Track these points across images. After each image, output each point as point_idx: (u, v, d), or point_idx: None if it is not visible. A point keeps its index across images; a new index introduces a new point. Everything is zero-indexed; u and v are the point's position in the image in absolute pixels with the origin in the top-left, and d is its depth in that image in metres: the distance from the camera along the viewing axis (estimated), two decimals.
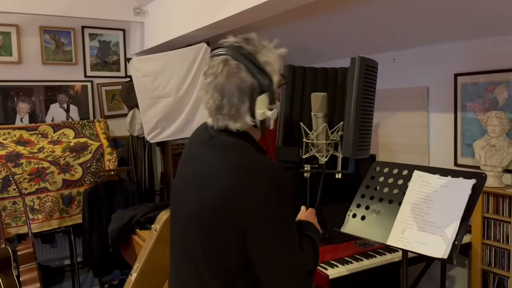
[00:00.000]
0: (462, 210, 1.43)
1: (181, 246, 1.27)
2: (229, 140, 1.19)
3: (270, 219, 1.10)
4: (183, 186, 1.27)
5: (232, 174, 1.12)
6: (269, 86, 1.15)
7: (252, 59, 1.16)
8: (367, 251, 2.47)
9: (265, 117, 1.17)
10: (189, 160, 1.29)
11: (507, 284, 2.55)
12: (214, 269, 1.17)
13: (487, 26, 2.61)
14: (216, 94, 1.17)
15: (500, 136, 2.57)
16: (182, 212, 1.26)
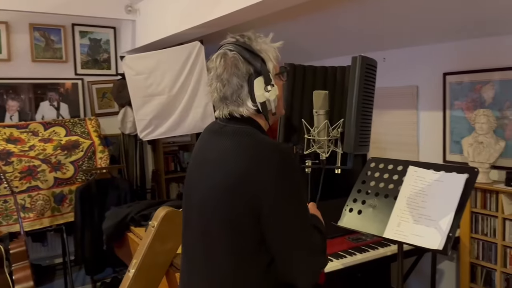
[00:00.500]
0: (456, 203, 1.49)
1: (196, 232, 1.30)
2: (239, 127, 1.25)
3: (284, 195, 1.16)
4: (196, 175, 1.32)
5: (244, 155, 1.18)
6: (262, 68, 1.23)
7: (247, 47, 1.25)
8: (360, 246, 2.53)
9: (265, 99, 1.24)
10: (201, 151, 1.33)
11: (494, 276, 2.63)
12: (230, 248, 1.20)
13: (474, 28, 2.68)
14: (218, 84, 1.25)
15: (487, 134, 2.66)
16: (196, 199, 1.29)
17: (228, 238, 1.20)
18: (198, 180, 1.30)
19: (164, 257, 2.28)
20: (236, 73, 1.23)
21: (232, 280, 1.22)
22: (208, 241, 1.24)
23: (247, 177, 1.16)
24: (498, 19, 2.52)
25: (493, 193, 2.60)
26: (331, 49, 3.57)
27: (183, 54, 3.32)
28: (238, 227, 1.18)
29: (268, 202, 1.14)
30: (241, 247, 1.19)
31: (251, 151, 1.19)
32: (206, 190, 1.25)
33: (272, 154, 1.17)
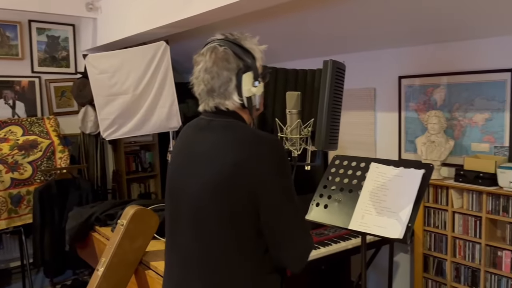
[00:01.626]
0: (414, 196, 1.62)
1: (188, 228, 1.29)
2: (228, 120, 1.29)
3: (282, 186, 1.23)
4: (185, 171, 1.31)
5: (240, 147, 1.21)
6: (252, 64, 1.28)
7: (238, 43, 1.29)
8: (324, 240, 2.65)
9: (251, 94, 1.28)
10: (188, 147, 1.34)
11: (445, 266, 2.84)
12: (228, 240, 1.23)
13: (427, 35, 2.88)
14: (207, 76, 1.27)
15: (439, 133, 2.86)
16: (188, 195, 1.29)
17: (227, 231, 1.22)
18: (187, 176, 1.30)
19: (133, 255, 2.29)
20: (226, 66, 1.25)
21: (229, 274, 1.25)
22: (204, 236, 1.25)
23: (245, 170, 1.18)
24: (448, 27, 2.72)
25: (443, 188, 2.80)
26: (296, 51, 3.69)
27: (148, 54, 3.32)
28: (237, 219, 1.21)
29: (268, 193, 1.20)
30: (239, 239, 1.22)
31: (247, 143, 1.22)
32: (199, 185, 1.25)
33: (271, 147, 1.22)
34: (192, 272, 1.29)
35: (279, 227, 1.23)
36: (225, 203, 1.22)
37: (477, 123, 2.81)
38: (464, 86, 2.84)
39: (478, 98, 2.78)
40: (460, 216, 2.74)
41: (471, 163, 2.67)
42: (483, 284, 2.64)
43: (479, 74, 2.76)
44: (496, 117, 2.71)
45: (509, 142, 2.67)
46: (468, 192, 2.69)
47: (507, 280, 2.55)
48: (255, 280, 1.28)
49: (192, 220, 1.28)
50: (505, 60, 2.64)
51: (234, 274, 1.26)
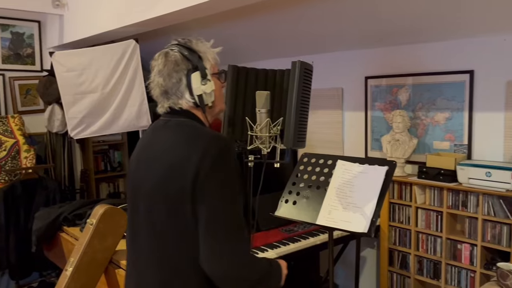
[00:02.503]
0: (378, 192, 1.70)
1: (144, 222, 1.35)
2: (181, 120, 1.36)
3: (219, 183, 1.24)
4: (143, 169, 1.38)
5: (186, 143, 1.27)
6: (199, 64, 1.35)
7: (187, 46, 1.38)
8: (293, 236, 2.71)
9: (201, 92, 1.35)
10: (147, 147, 1.41)
11: (409, 259, 2.95)
12: (177, 232, 1.27)
13: (392, 36, 2.99)
14: (160, 79, 1.36)
15: (403, 132, 2.97)
16: (145, 192, 1.35)
17: (176, 230, 1.27)
18: (145, 174, 1.36)
19: (103, 254, 2.28)
20: (175, 68, 1.34)
21: (179, 265, 1.29)
22: (157, 234, 1.30)
23: (188, 163, 1.24)
24: (412, 29, 2.83)
25: (407, 185, 2.92)
26: (267, 51, 3.74)
27: (117, 52, 3.29)
28: (180, 211, 1.25)
29: (204, 188, 1.23)
30: (185, 230, 1.26)
31: (193, 139, 1.28)
32: (151, 183, 1.32)
33: (213, 143, 1.26)
34: (149, 271, 1.34)
35: (206, 227, 1.22)
36: (172, 201, 1.26)
37: (438, 122, 2.93)
38: (427, 87, 2.96)
39: (440, 98, 2.91)
40: (422, 212, 2.86)
41: (433, 160, 2.79)
42: (444, 276, 2.76)
43: (440, 75, 2.88)
44: (456, 117, 2.84)
45: (468, 140, 2.80)
46: (430, 188, 2.81)
47: (467, 272, 2.68)
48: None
49: (146, 218, 1.34)
50: (464, 62, 2.77)
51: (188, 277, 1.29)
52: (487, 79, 2.69)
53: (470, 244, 2.64)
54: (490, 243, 2.55)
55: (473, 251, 2.63)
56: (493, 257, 2.59)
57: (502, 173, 2.45)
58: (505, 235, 2.49)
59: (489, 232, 2.56)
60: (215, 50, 1.44)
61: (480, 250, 2.59)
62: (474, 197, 2.60)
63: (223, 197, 1.24)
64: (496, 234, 2.52)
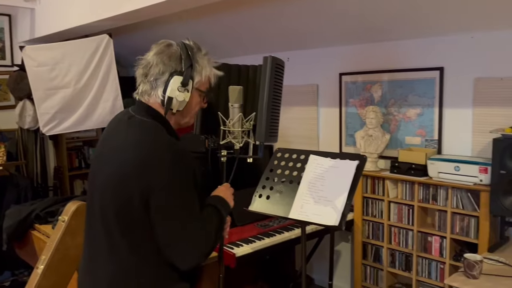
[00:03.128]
0: (349, 185, 1.73)
1: (98, 218, 1.36)
2: (145, 120, 1.36)
3: (172, 191, 1.26)
4: (98, 162, 1.40)
5: (142, 147, 1.28)
6: (186, 72, 1.35)
7: (189, 50, 1.37)
8: (268, 231, 2.73)
9: (173, 95, 1.35)
10: (106, 139, 1.42)
11: (382, 252, 3.02)
12: (125, 234, 1.29)
13: (365, 34, 3.03)
14: (151, 59, 1.37)
15: (376, 128, 3.02)
16: (98, 185, 1.36)
17: (122, 224, 1.28)
18: (99, 167, 1.38)
19: (75, 251, 2.25)
20: (165, 61, 1.35)
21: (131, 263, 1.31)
22: (108, 226, 1.32)
23: (141, 169, 1.25)
24: (385, 27, 2.88)
25: (380, 179, 2.97)
26: (243, 47, 3.74)
27: (90, 47, 3.24)
28: (130, 214, 1.27)
29: (157, 196, 1.24)
30: (134, 233, 1.28)
31: (148, 145, 1.29)
32: (105, 176, 1.33)
33: (166, 152, 1.27)
34: (101, 264, 1.36)
35: (165, 228, 1.26)
36: (122, 198, 1.28)
37: (410, 118, 3.00)
38: (399, 83, 3.02)
39: (411, 94, 2.97)
40: (395, 205, 2.92)
41: (405, 155, 2.86)
42: (415, 268, 2.83)
43: (412, 72, 2.94)
44: (427, 112, 2.91)
45: (438, 136, 2.87)
46: (402, 182, 2.87)
47: (437, 263, 2.75)
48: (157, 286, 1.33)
49: (99, 213, 1.35)
50: (435, 59, 2.84)
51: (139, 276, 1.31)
52: (456, 76, 2.76)
53: (440, 237, 2.72)
54: (459, 235, 2.63)
55: (443, 243, 2.70)
56: (462, 249, 2.67)
57: (470, 167, 2.53)
58: (473, 227, 2.57)
59: (457, 225, 2.63)
60: (215, 72, 1.45)
61: (449, 242, 2.66)
62: (443, 190, 2.68)
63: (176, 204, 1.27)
64: (464, 227, 2.60)
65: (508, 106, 2.53)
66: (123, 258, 1.31)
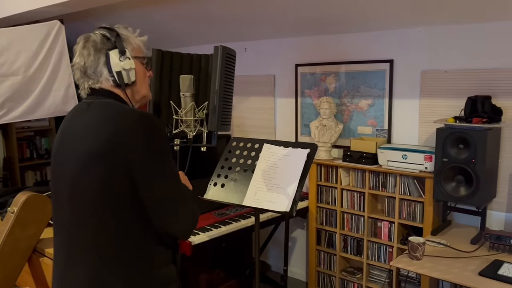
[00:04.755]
0: (300, 172, 1.79)
1: (68, 210, 1.32)
2: (104, 101, 1.36)
3: (153, 155, 1.26)
4: (64, 151, 1.35)
5: (110, 122, 1.27)
6: (117, 41, 1.37)
7: (108, 28, 1.40)
8: (224, 220, 2.77)
9: (120, 69, 1.36)
10: (67, 129, 1.38)
11: (335, 238, 3.13)
12: (108, 211, 1.26)
13: (321, 26, 3.10)
14: (80, 60, 1.37)
15: (329, 118, 3.12)
16: (67, 175, 1.32)
17: (106, 201, 1.25)
18: (65, 155, 1.34)
19: (25, 243, 2.20)
20: (95, 47, 1.35)
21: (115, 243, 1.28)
22: (83, 215, 1.29)
23: (115, 142, 1.23)
24: (338, 20, 2.96)
25: (333, 168, 3.07)
26: (197, 36, 3.73)
27: (41, 33, 3.12)
28: (112, 189, 1.24)
29: (139, 164, 1.23)
30: (119, 208, 1.26)
31: (117, 118, 1.27)
32: (75, 161, 1.29)
33: (139, 119, 1.27)
34: (74, 254, 1.32)
35: (157, 200, 1.27)
36: (98, 179, 1.25)
37: (362, 109, 3.11)
38: (351, 75, 3.12)
39: (363, 86, 3.08)
40: (347, 193, 3.03)
41: (356, 144, 2.97)
42: (366, 252, 2.97)
43: (363, 64, 3.05)
44: (377, 103, 3.03)
45: (388, 125, 3.00)
46: (354, 170, 2.99)
47: (385, 247, 2.89)
48: (144, 273, 1.31)
49: (72, 202, 1.31)
50: (385, 52, 2.95)
51: (119, 261, 1.29)
52: (404, 68, 2.89)
53: (389, 222, 2.85)
54: (406, 220, 2.77)
55: (391, 228, 2.84)
56: (408, 233, 2.82)
57: (417, 155, 2.66)
58: (419, 212, 2.71)
59: (405, 210, 2.77)
60: (140, 38, 1.45)
61: (397, 227, 2.80)
62: (392, 178, 2.81)
63: (159, 170, 1.27)
64: (411, 212, 2.75)
65: (451, 98, 2.68)
66: (109, 245, 1.28)
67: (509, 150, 2.51)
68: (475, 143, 2.30)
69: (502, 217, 2.60)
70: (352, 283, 3.09)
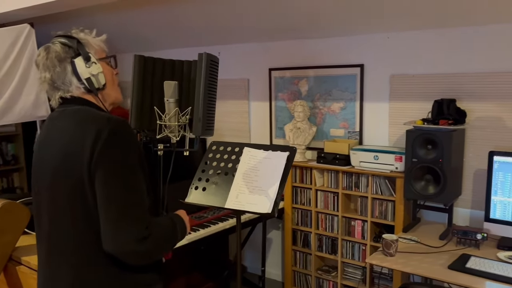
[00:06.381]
0: (280, 175, 1.85)
1: (47, 216, 1.35)
2: (75, 108, 1.36)
3: (114, 165, 1.25)
4: (41, 160, 1.37)
5: (79, 127, 1.28)
6: (79, 48, 1.37)
7: (66, 35, 1.40)
8: (203, 223, 2.80)
9: (88, 75, 1.37)
10: (44, 138, 1.39)
11: (310, 237, 3.21)
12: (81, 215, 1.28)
13: (293, 31, 3.18)
14: (46, 73, 1.37)
15: (303, 121, 3.20)
16: (43, 182, 1.35)
17: (78, 206, 1.27)
18: (44, 165, 1.36)
19: (1, 251, 2.16)
20: (58, 58, 1.35)
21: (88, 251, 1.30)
22: (60, 221, 1.31)
23: (82, 147, 1.24)
24: (310, 25, 3.05)
25: (308, 169, 3.16)
26: (173, 40, 3.73)
27: (10, 37, 3.06)
28: (81, 197, 1.26)
29: (98, 169, 1.24)
30: (88, 215, 1.27)
31: (86, 122, 1.29)
32: (52, 169, 1.31)
33: (107, 124, 1.27)
34: (56, 260, 1.34)
35: (104, 210, 1.24)
36: (71, 187, 1.27)
37: (334, 111, 3.21)
38: (323, 79, 3.22)
39: (335, 89, 3.18)
40: (321, 193, 3.12)
41: (330, 146, 3.06)
42: (340, 251, 3.06)
43: (335, 68, 3.15)
44: (349, 106, 3.14)
45: (359, 128, 3.11)
46: (327, 171, 3.08)
47: (359, 245, 2.99)
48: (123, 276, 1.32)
49: (50, 209, 1.34)
50: (356, 56, 3.06)
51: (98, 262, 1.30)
52: (374, 72, 3.01)
53: (362, 221, 2.96)
54: (378, 218, 2.88)
55: (364, 227, 2.95)
56: (381, 231, 2.94)
57: (387, 156, 2.78)
58: (390, 210, 2.83)
59: (377, 209, 2.88)
60: (99, 38, 1.46)
61: (370, 225, 2.91)
62: (364, 178, 2.91)
63: (119, 177, 1.25)
64: (383, 210, 2.86)
65: (419, 100, 2.82)
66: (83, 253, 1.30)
67: (473, 150, 2.67)
68: (442, 144, 2.43)
69: (467, 213, 2.74)
70: (328, 281, 3.17)
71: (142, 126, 1.72)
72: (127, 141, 1.29)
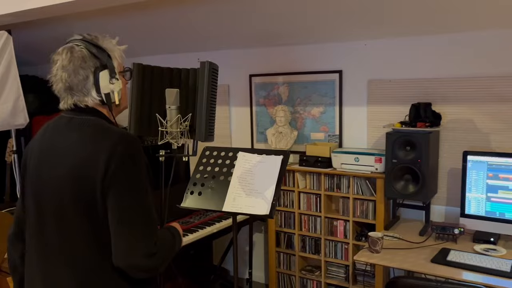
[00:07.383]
0: (276, 178, 1.92)
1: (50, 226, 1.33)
2: (86, 118, 1.35)
3: (127, 183, 1.26)
4: (45, 170, 1.34)
5: (90, 141, 1.28)
6: (108, 63, 1.37)
7: (94, 43, 1.37)
8: (190, 227, 2.83)
9: (109, 91, 1.37)
10: (48, 145, 1.36)
11: (293, 239, 3.29)
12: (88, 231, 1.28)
13: (273, 38, 3.27)
14: (64, 74, 1.34)
15: (285, 125, 3.29)
16: (48, 192, 1.32)
17: (86, 223, 1.27)
18: (49, 174, 1.33)
19: None
20: (82, 65, 1.33)
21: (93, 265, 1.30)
22: (66, 230, 1.30)
23: (95, 163, 1.24)
24: (290, 32, 3.15)
25: (290, 172, 3.24)
26: (149, 47, 3.74)
27: None
28: (91, 212, 1.26)
29: (113, 187, 1.25)
30: (98, 229, 1.28)
31: (97, 137, 1.28)
32: (60, 182, 1.30)
33: (121, 141, 1.28)
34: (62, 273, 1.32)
35: (117, 223, 1.26)
36: (80, 203, 1.27)
37: (314, 116, 3.32)
38: (303, 84, 3.32)
39: (315, 94, 3.29)
40: (304, 195, 3.21)
41: (311, 149, 3.16)
42: (324, 250, 3.16)
43: (315, 74, 3.26)
44: (329, 110, 3.25)
45: (339, 131, 3.23)
46: (310, 174, 3.17)
47: (342, 245, 3.10)
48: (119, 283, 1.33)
49: (55, 221, 1.33)
50: (335, 62, 3.18)
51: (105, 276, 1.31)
52: (352, 78, 3.14)
53: (344, 220, 3.06)
54: (360, 218, 3.00)
55: (346, 226, 3.06)
56: (362, 230, 3.06)
57: (368, 158, 2.90)
58: (371, 210, 2.95)
59: (358, 209, 3.00)
60: (121, 48, 1.45)
61: (352, 224, 3.02)
62: (346, 179, 3.03)
63: (133, 194, 1.27)
64: (364, 210, 2.98)
65: (396, 104, 2.96)
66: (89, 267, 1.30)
67: (446, 150, 2.83)
68: (420, 145, 2.57)
69: (442, 210, 2.91)
70: (312, 280, 3.26)
71: (141, 133, 1.74)
72: (139, 158, 1.31)
